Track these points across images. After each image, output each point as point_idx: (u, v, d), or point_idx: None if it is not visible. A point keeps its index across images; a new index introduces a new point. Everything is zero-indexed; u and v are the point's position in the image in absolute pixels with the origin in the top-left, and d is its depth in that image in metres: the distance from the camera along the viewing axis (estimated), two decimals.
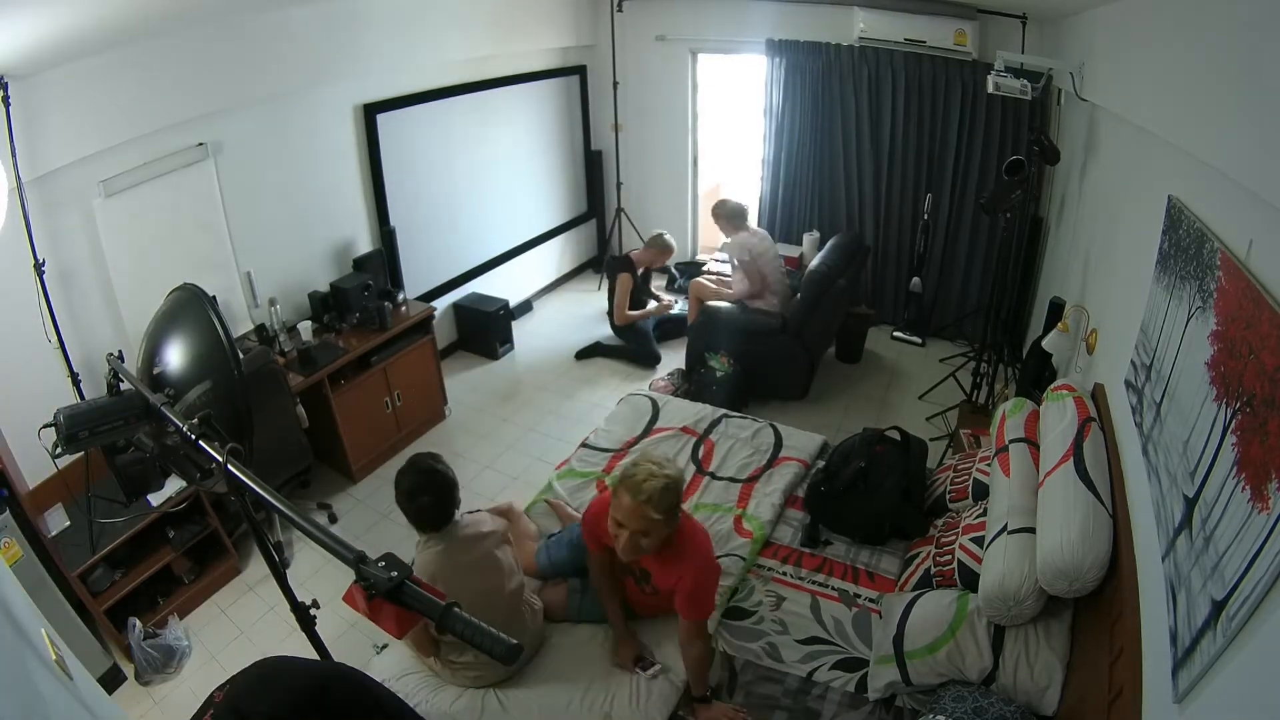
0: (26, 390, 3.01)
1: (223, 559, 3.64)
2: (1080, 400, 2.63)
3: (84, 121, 3.17)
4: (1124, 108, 2.78)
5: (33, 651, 1.57)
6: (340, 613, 3.36)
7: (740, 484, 3.41)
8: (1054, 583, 2.08)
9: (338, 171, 4.60)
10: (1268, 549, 1.16)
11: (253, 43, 3.78)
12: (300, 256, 4.46)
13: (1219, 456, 1.43)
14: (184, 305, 1.70)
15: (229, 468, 1.32)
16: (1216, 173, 1.65)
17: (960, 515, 2.87)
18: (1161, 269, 2.12)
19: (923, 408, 4.88)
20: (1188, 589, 1.46)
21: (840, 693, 2.44)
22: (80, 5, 2.45)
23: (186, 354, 1.66)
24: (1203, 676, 1.31)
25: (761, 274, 4.95)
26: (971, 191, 5.35)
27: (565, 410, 5.09)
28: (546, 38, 6.04)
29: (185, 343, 1.67)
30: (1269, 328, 1.30)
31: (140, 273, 3.52)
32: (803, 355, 4.77)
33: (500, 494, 4.18)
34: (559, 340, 6.03)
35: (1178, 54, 2.08)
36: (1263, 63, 1.43)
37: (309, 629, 1.73)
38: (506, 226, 6.16)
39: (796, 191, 6.06)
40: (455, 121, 5.31)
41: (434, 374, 4.86)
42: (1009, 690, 2.18)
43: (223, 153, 3.85)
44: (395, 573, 1.18)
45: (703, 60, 6.39)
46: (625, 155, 6.90)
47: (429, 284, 5.41)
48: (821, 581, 2.91)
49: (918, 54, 5.11)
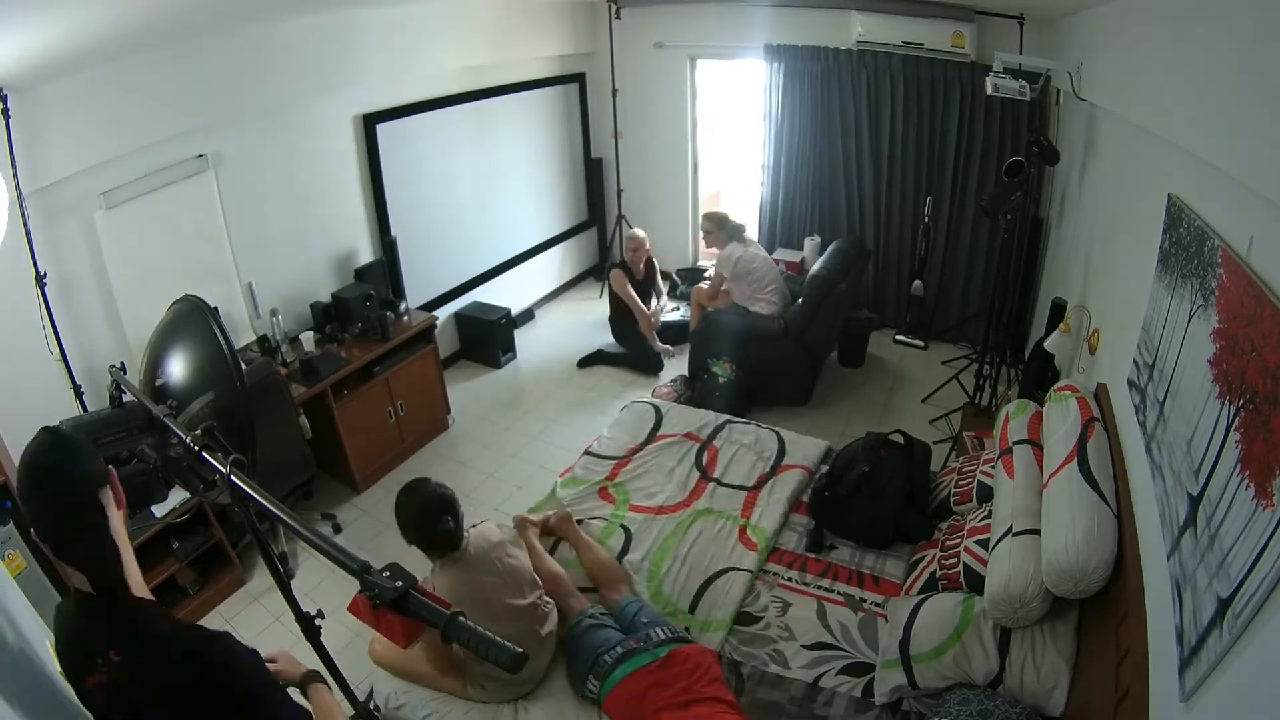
0: (29, 401, 3.01)
1: (227, 570, 3.64)
2: (1083, 401, 2.63)
3: (84, 133, 3.18)
4: (1123, 107, 2.78)
5: (38, 662, 1.57)
6: (345, 623, 3.36)
7: (745, 491, 3.40)
8: (1059, 584, 2.08)
9: (338, 182, 4.61)
10: (1273, 545, 1.16)
11: (252, 54, 3.79)
12: (302, 267, 4.47)
13: (1222, 454, 1.43)
14: (185, 317, 1.70)
15: (232, 479, 1.32)
16: (1216, 170, 1.65)
17: (965, 518, 2.86)
18: (1162, 268, 2.12)
19: (926, 411, 4.87)
20: (1193, 587, 1.46)
21: (847, 698, 2.43)
22: (80, 18, 2.46)
23: (188, 366, 1.66)
24: (1209, 675, 1.31)
25: (744, 277, 4.99)
26: (972, 193, 5.35)
27: (568, 418, 5.09)
28: (545, 46, 6.07)
29: (187, 355, 1.68)
30: (1270, 325, 1.30)
31: (141, 284, 3.52)
32: (805, 360, 4.77)
33: (504, 503, 4.17)
34: (561, 348, 6.03)
35: (1176, 51, 2.08)
36: (1262, 59, 1.43)
37: (314, 639, 1.72)
38: (507, 235, 6.17)
39: (797, 196, 6.06)
40: (455, 131, 5.33)
41: (437, 383, 4.86)
42: (1016, 692, 2.17)
43: (223, 164, 3.86)
44: (400, 582, 1.18)
45: (701, 66, 6.41)
46: (625, 162, 6.91)
47: (431, 293, 5.42)
48: (827, 586, 2.90)
49: (916, 57, 5.13)
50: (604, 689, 2.39)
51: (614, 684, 2.37)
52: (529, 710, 2.46)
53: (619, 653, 2.43)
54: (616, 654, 2.43)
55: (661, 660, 2.40)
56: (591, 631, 2.56)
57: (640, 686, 2.34)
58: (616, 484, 3.48)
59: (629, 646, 2.45)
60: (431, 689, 2.52)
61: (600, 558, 2.97)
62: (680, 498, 3.37)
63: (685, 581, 2.91)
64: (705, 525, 3.18)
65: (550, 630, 2.60)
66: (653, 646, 2.45)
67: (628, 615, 2.65)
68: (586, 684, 2.45)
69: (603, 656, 2.44)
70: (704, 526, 3.17)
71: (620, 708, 2.36)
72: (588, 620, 2.61)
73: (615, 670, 2.39)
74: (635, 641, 2.48)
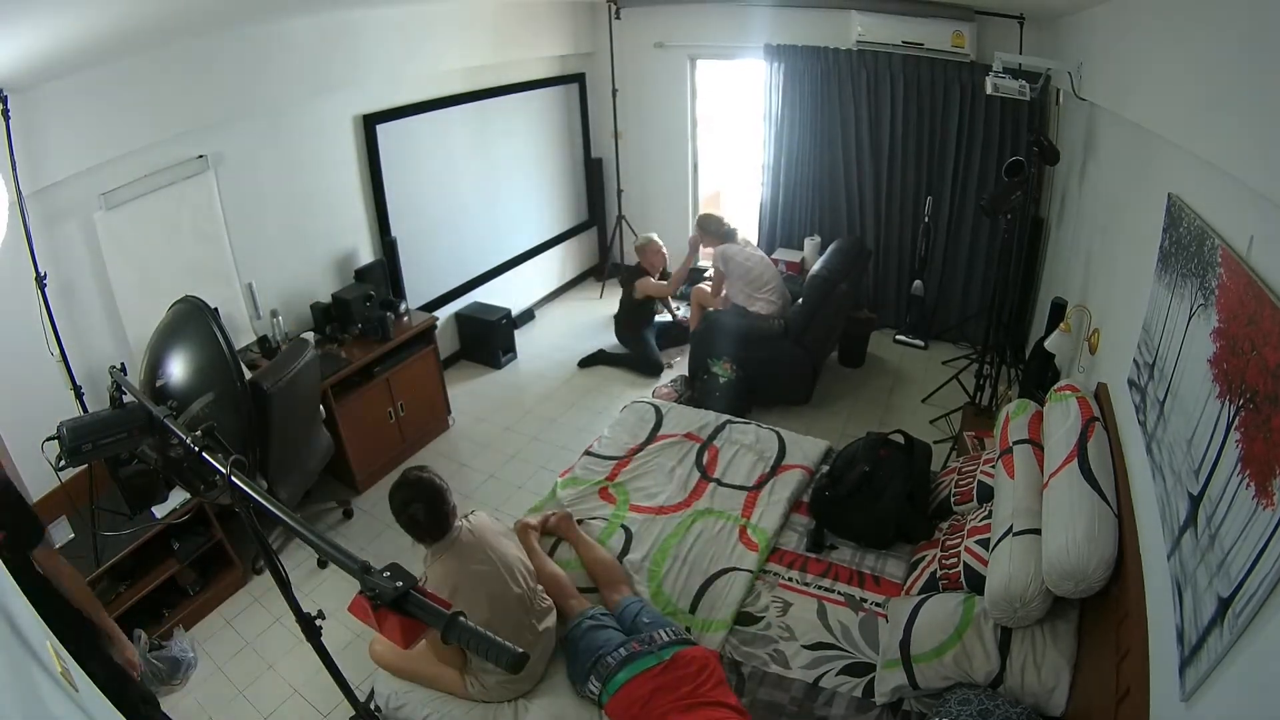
0: (29, 403, 3.02)
1: (228, 570, 3.64)
2: (1084, 400, 2.63)
3: (84, 134, 3.18)
4: (1123, 106, 2.78)
5: (37, 663, 1.57)
6: (346, 623, 3.36)
7: (745, 491, 3.40)
8: (1060, 584, 2.08)
9: (338, 182, 4.62)
10: (1273, 545, 1.16)
11: (252, 54, 3.80)
12: (302, 268, 4.47)
13: (1223, 454, 1.43)
14: (186, 318, 1.71)
15: (232, 479, 1.33)
16: (1216, 170, 1.65)
17: (965, 518, 2.86)
18: (1162, 267, 2.12)
19: (926, 411, 4.87)
20: (1194, 587, 1.46)
21: (847, 698, 2.43)
22: (79, 18, 2.46)
23: (189, 366, 1.67)
24: (1210, 674, 1.31)
25: (739, 277, 5.00)
26: (972, 193, 5.35)
27: (568, 418, 5.09)
28: (545, 46, 6.07)
29: (187, 355, 1.68)
30: (1271, 324, 1.30)
31: (142, 285, 3.53)
32: (805, 360, 4.77)
33: (504, 503, 4.18)
34: (561, 348, 6.03)
35: (1176, 50, 2.08)
36: (1261, 58, 1.43)
37: (315, 640, 1.72)
38: (508, 235, 6.17)
39: (797, 196, 6.06)
40: (455, 131, 5.34)
41: (437, 384, 4.86)
42: (1016, 692, 2.17)
43: (223, 164, 3.86)
44: (400, 582, 1.18)
45: (701, 66, 6.41)
46: (625, 162, 6.91)
47: (431, 294, 5.42)
48: (827, 587, 2.90)
49: (916, 56, 5.12)
50: (607, 691, 2.38)
51: (618, 687, 2.36)
52: (529, 709, 2.46)
53: (622, 655, 2.42)
54: (620, 656, 2.42)
55: (666, 663, 2.38)
56: (593, 632, 2.55)
57: (645, 690, 2.32)
58: (617, 484, 3.48)
59: (632, 649, 2.44)
60: (432, 689, 2.53)
61: (601, 557, 2.96)
62: (681, 498, 3.37)
63: (685, 582, 2.91)
64: (706, 525, 3.18)
65: (549, 626, 2.60)
66: (657, 649, 2.44)
67: (629, 616, 2.65)
68: (588, 684, 2.44)
69: (605, 658, 2.43)
70: (704, 526, 3.17)
71: (624, 710, 2.34)
72: (588, 621, 2.60)
73: (619, 673, 2.38)
74: (639, 644, 2.46)
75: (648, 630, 2.54)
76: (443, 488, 2.44)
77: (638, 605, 2.70)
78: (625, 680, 2.36)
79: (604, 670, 2.41)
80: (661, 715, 2.27)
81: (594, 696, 2.42)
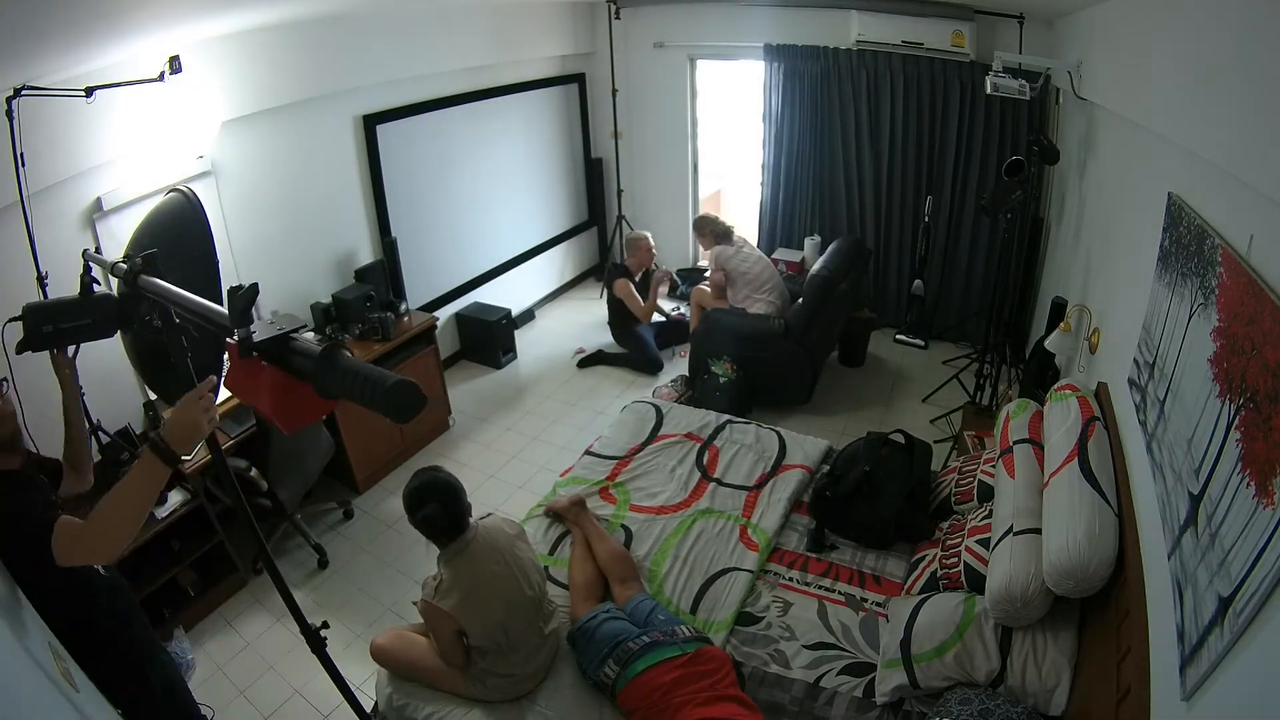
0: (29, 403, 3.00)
1: (229, 571, 3.63)
2: (1084, 400, 2.63)
3: (84, 136, 3.17)
4: (1122, 105, 2.78)
5: (37, 663, 1.57)
6: (348, 626, 3.37)
7: (746, 491, 3.41)
8: (1060, 583, 2.08)
9: (338, 183, 4.62)
10: (1274, 544, 1.15)
11: (251, 56, 3.79)
12: (302, 268, 4.47)
13: (1223, 453, 1.43)
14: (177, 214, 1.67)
15: (141, 280, 1.29)
16: (1216, 169, 1.65)
17: (966, 517, 2.86)
18: (1162, 266, 2.12)
19: (926, 410, 4.87)
20: (1194, 586, 1.46)
21: (848, 698, 2.43)
22: None
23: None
24: (1210, 673, 1.31)
25: (738, 278, 5.04)
26: (972, 193, 5.35)
27: (569, 418, 5.09)
28: (545, 46, 6.07)
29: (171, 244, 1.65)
30: (1271, 323, 1.30)
31: None
32: (805, 360, 4.77)
33: (505, 503, 4.18)
34: (562, 349, 6.03)
35: (1176, 50, 2.08)
36: (1261, 56, 1.43)
37: (320, 652, 1.70)
38: (508, 236, 6.17)
39: (797, 196, 6.06)
40: (455, 131, 5.34)
41: (437, 384, 4.86)
42: (1017, 691, 2.17)
43: (223, 165, 3.86)
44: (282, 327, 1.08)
45: (701, 66, 6.41)
46: (625, 162, 6.91)
47: (431, 294, 5.42)
48: (828, 586, 2.90)
49: (915, 56, 5.12)
50: (625, 674, 2.37)
51: (637, 671, 2.36)
52: (530, 709, 2.45)
53: (645, 641, 2.43)
54: (643, 642, 2.42)
55: (690, 655, 2.39)
56: (611, 622, 2.56)
57: (667, 678, 2.33)
58: (617, 484, 3.48)
59: (654, 637, 2.45)
60: (432, 688, 2.52)
61: (615, 549, 2.96)
62: (681, 498, 3.37)
63: (686, 581, 2.92)
64: (706, 525, 3.18)
65: (554, 629, 2.60)
66: (680, 641, 2.44)
67: (642, 613, 2.64)
68: (604, 668, 2.42)
69: (626, 642, 2.43)
70: (705, 526, 3.17)
71: (640, 696, 2.34)
72: (604, 614, 2.61)
73: (641, 659, 2.38)
74: (660, 634, 2.47)
75: (666, 626, 2.54)
76: (458, 487, 2.43)
77: (650, 604, 2.70)
78: (646, 666, 2.36)
79: (625, 654, 2.41)
80: (680, 706, 2.27)
81: (609, 680, 2.41)
